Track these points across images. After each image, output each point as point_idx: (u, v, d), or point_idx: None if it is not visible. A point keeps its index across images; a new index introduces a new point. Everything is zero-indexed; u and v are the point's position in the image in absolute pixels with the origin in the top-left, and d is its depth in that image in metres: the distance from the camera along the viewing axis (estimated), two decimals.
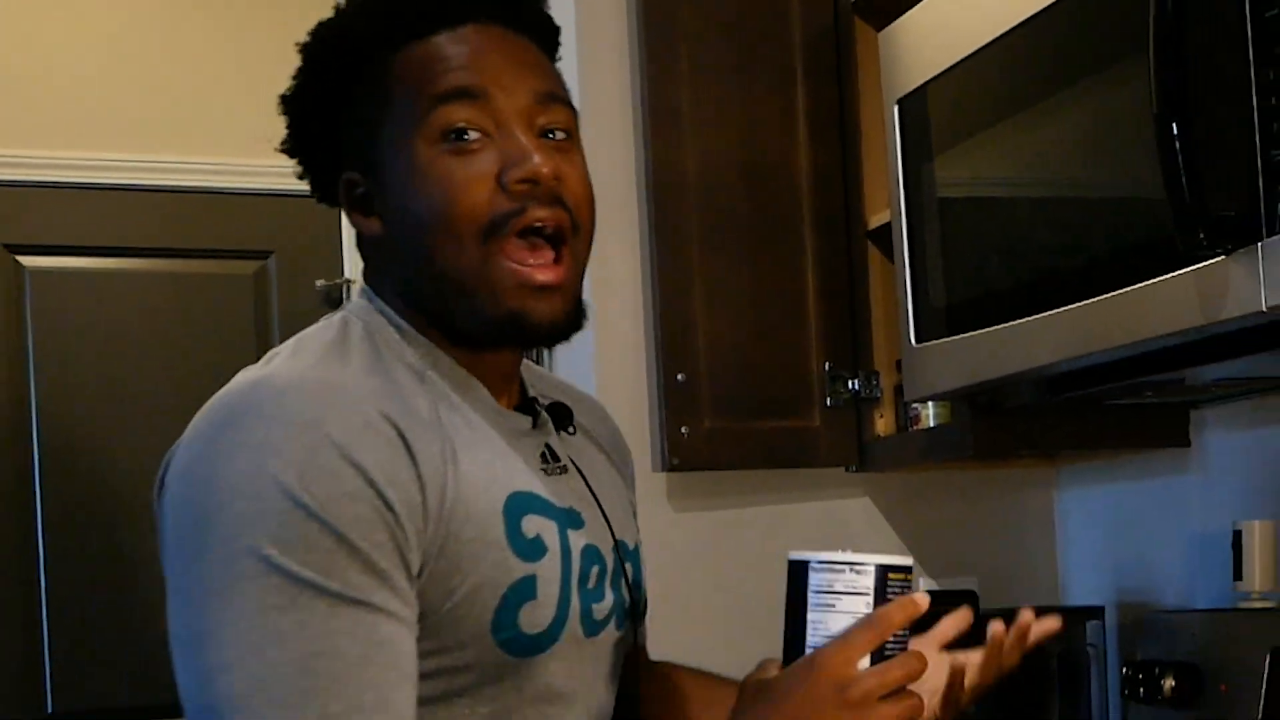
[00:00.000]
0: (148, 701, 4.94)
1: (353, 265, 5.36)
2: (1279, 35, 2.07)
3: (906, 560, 1.90)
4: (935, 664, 2.06)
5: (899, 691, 1.78)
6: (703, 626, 3.57)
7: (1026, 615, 2.17)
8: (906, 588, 1.87)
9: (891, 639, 1.80)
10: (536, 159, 1.80)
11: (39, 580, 4.93)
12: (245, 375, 1.86)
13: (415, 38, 1.85)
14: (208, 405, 1.82)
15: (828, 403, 3.63)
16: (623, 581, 2.11)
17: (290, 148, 2.01)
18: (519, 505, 1.88)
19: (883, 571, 1.84)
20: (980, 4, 2.75)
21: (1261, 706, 2.92)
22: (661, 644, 2.75)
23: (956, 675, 2.18)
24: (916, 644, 1.99)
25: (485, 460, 1.88)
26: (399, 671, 1.70)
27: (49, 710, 4.92)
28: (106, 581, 4.98)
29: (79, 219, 5.03)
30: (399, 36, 1.85)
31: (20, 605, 4.95)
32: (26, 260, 4.98)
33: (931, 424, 3.44)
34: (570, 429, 2.14)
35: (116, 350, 5.03)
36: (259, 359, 4.93)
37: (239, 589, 1.63)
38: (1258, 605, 3.10)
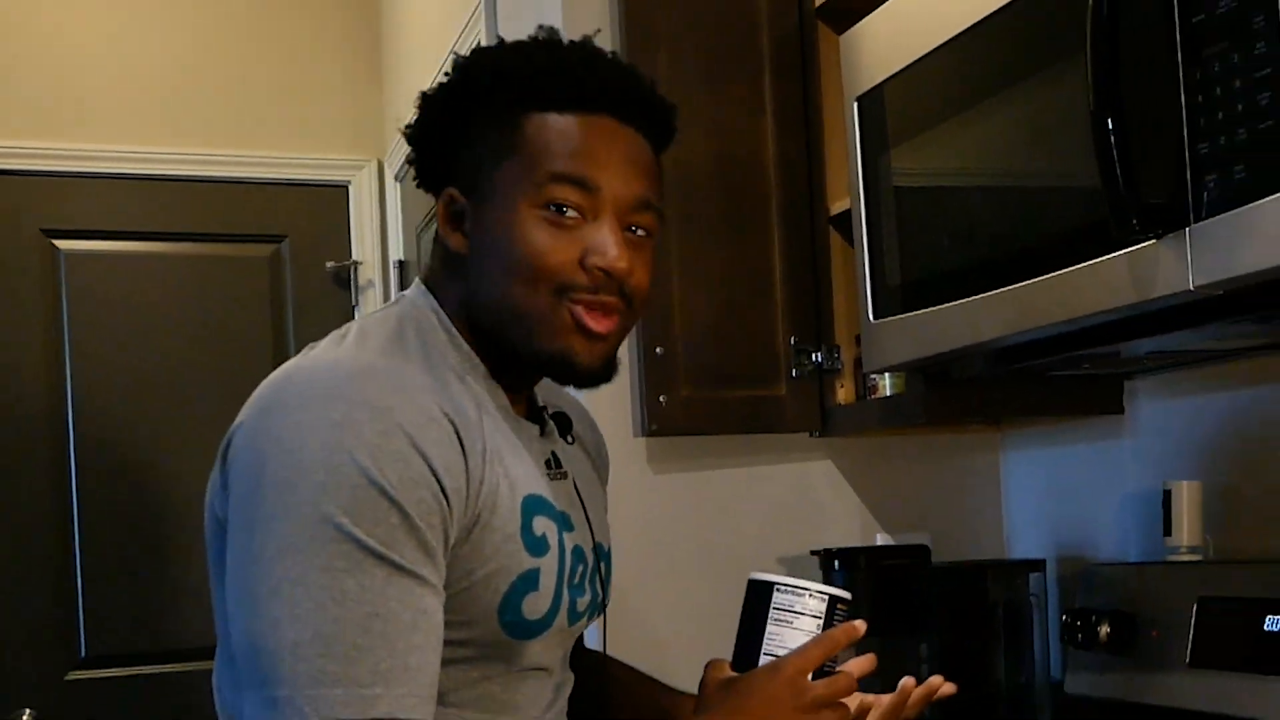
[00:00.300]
0: (170, 646, 4.96)
1: (359, 248, 5.36)
2: (1204, 39, 2.07)
3: (848, 594, 2.08)
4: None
5: (835, 704, 1.95)
6: (678, 576, 3.59)
7: (935, 680, 2.24)
8: (848, 616, 2.05)
9: (829, 661, 1.99)
10: (616, 255, 1.90)
11: (73, 537, 4.93)
12: (321, 356, 1.91)
13: (554, 110, 1.91)
14: (282, 379, 1.87)
15: (793, 374, 3.62)
16: (598, 579, 2.18)
17: (415, 142, 2.07)
18: (532, 506, 1.95)
19: (834, 601, 2.03)
20: (932, 10, 2.74)
21: (1190, 650, 2.91)
22: (643, 591, 2.73)
23: (863, 710, 2.23)
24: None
25: (511, 461, 1.95)
26: (436, 638, 1.77)
27: (82, 655, 4.93)
28: (134, 538, 4.98)
29: (109, 206, 5.03)
30: (540, 103, 1.91)
31: (57, 560, 4.94)
32: (61, 244, 4.99)
33: (888, 393, 3.43)
34: (570, 438, 2.24)
35: (143, 326, 5.04)
36: (274, 334, 4.99)
37: (310, 549, 1.69)
38: (1185, 558, 3.10)
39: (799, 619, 1.99)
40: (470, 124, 1.96)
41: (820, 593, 2.01)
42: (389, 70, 5.57)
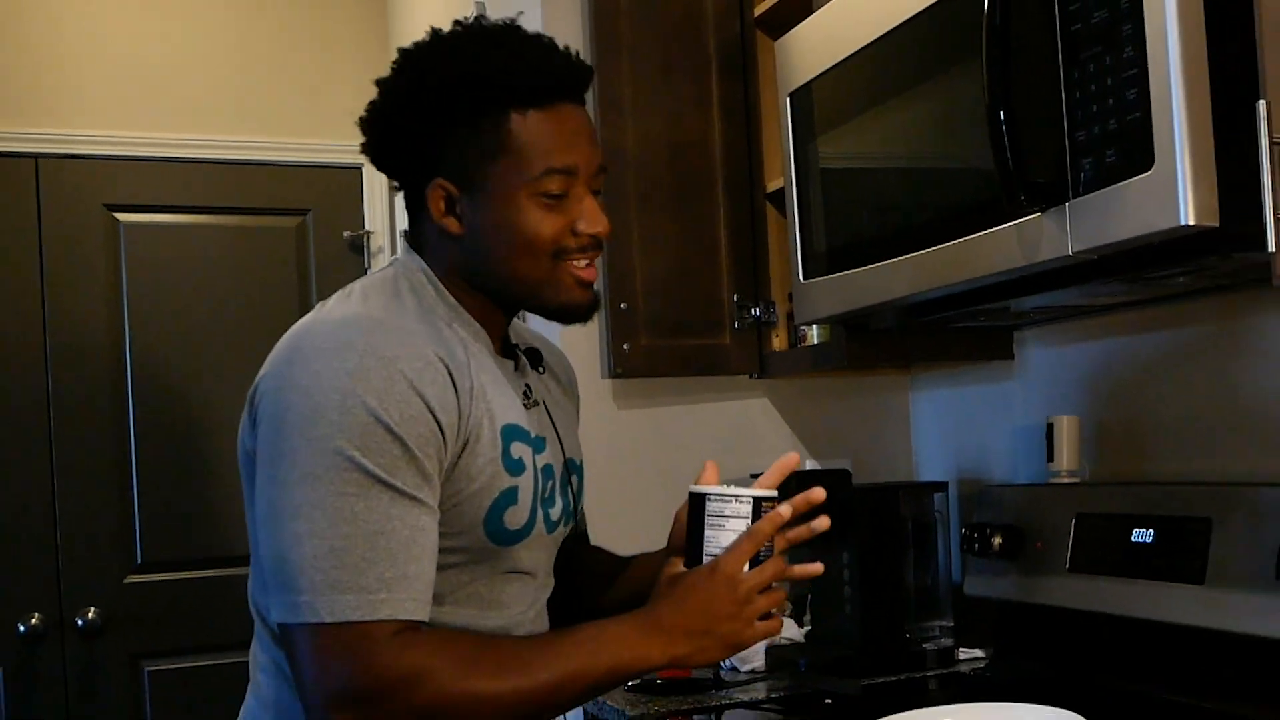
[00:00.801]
0: (215, 553, 4.96)
1: (371, 220, 5.36)
2: (1082, 44, 2.08)
3: (774, 493, 2.10)
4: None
5: (769, 588, 1.97)
6: (640, 496, 3.58)
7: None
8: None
9: (764, 549, 1.99)
10: (600, 223, 1.98)
11: (131, 460, 4.94)
12: (333, 312, 1.92)
13: (534, 107, 1.91)
14: (302, 333, 1.89)
15: (735, 325, 3.64)
16: (569, 490, 2.20)
17: (381, 132, 2.08)
18: (510, 433, 1.98)
19: (758, 501, 2.04)
20: (854, 19, 2.73)
21: (1069, 558, 2.93)
22: (610, 509, 2.74)
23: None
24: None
25: (493, 395, 1.97)
26: (431, 551, 1.80)
27: (138, 561, 4.92)
28: (183, 460, 4.99)
29: (161, 185, 5.02)
30: (519, 102, 1.91)
31: (117, 480, 4.94)
32: (121, 216, 4.97)
33: (815, 342, 3.44)
34: (540, 369, 2.24)
35: (189, 284, 5.03)
36: (299, 292, 4.97)
37: (326, 477, 1.73)
38: (1065, 481, 3.11)
39: (730, 521, 2.01)
40: (451, 123, 1.94)
41: (745, 496, 2.03)
42: None
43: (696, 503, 2.05)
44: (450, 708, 1.71)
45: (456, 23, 2.02)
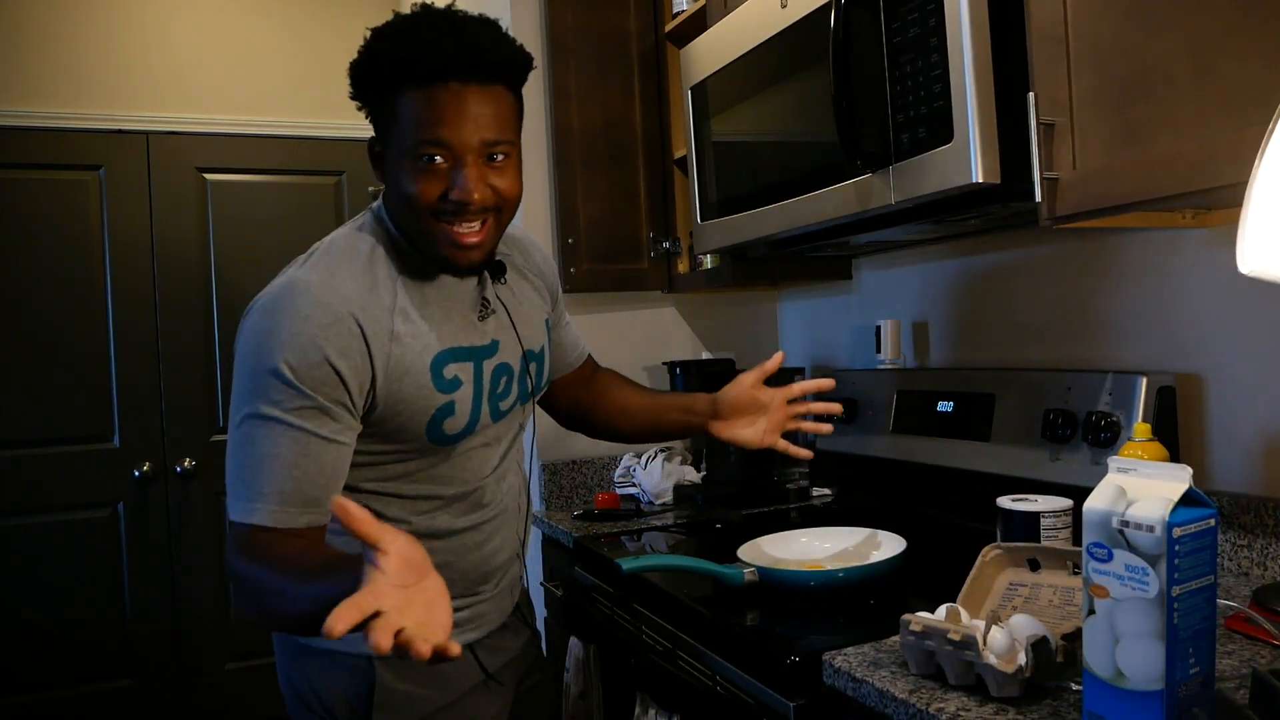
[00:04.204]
0: None
1: None
2: (901, 51, 2.06)
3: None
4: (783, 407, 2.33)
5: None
6: None
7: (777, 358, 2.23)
8: None
9: None
10: (469, 190, 1.73)
11: (215, 349, 4.97)
12: (291, 273, 1.80)
13: (416, 86, 1.70)
14: (271, 288, 1.77)
15: (651, 255, 3.61)
16: (527, 378, 2.06)
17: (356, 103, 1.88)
18: (442, 359, 1.85)
19: None
20: (735, 35, 2.70)
21: (891, 422, 2.93)
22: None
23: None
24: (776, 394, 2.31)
25: (424, 331, 1.84)
26: (322, 470, 1.70)
27: (220, 424, 4.95)
28: None
29: (237, 153, 5.01)
30: (405, 81, 1.71)
31: (204, 363, 4.93)
32: (209, 176, 4.96)
33: (709, 266, 3.41)
34: (503, 279, 2.02)
35: (256, 225, 5.04)
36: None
37: (240, 412, 1.69)
38: (889, 367, 3.11)
39: None
40: (367, 96, 1.79)
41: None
42: None
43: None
44: (251, 601, 1.62)
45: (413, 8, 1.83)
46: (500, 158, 1.78)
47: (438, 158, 1.73)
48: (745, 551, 2.33)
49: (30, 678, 4.66)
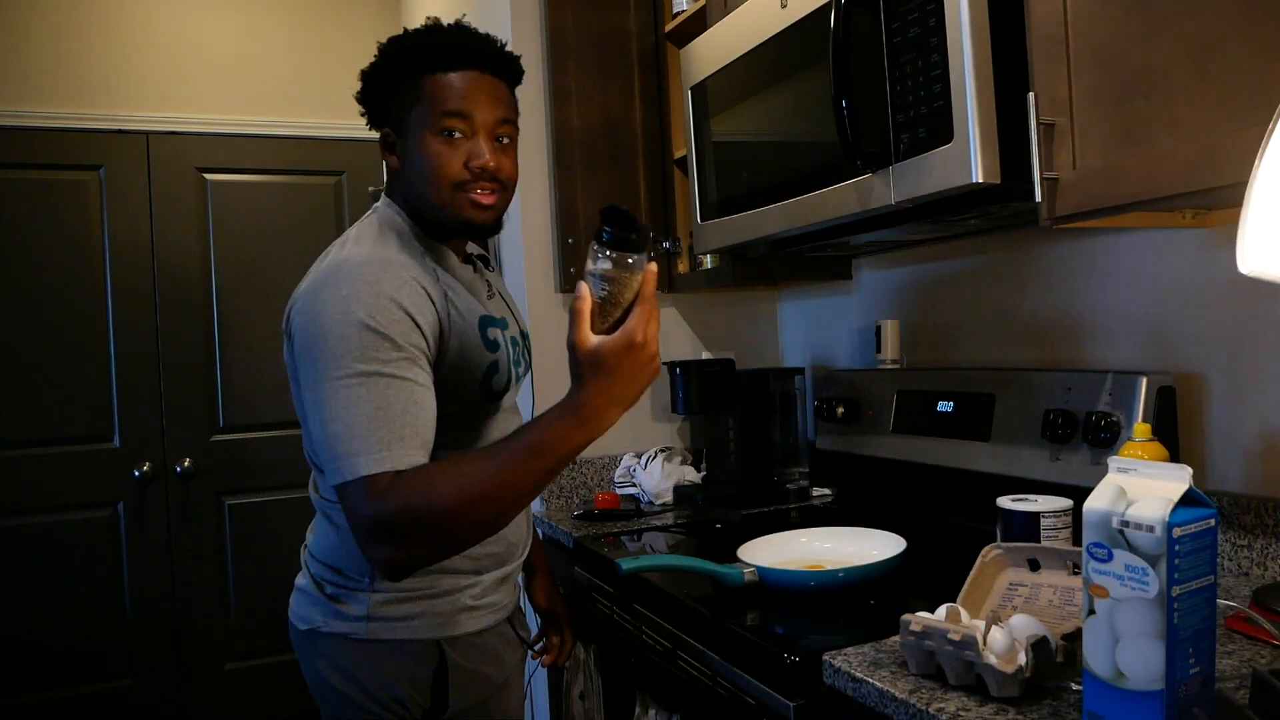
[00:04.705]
0: (279, 419, 4.99)
1: (387, 178, 5.36)
2: (901, 51, 2.05)
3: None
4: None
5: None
6: None
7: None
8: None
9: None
10: (487, 158, 1.93)
11: (215, 348, 4.96)
12: (335, 255, 1.90)
13: (440, 71, 1.93)
14: (316, 272, 1.88)
15: (652, 254, 3.60)
16: (527, 352, 2.25)
17: (363, 99, 2.07)
18: (484, 322, 2.00)
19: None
20: (735, 35, 2.70)
21: (892, 422, 2.93)
22: (561, 381, 2.70)
23: None
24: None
25: (464, 298, 1.98)
26: (427, 416, 1.77)
27: (220, 424, 4.95)
28: (252, 348, 4.99)
29: (237, 152, 5.02)
30: (431, 68, 1.93)
31: (205, 362, 4.93)
32: (209, 175, 4.97)
33: (709, 266, 3.41)
34: (491, 267, 2.28)
35: (256, 224, 5.04)
36: (336, 232, 4.87)
37: (338, 380, 1.72)
38: (889, 367, 3.12)
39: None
40: (393, 85, 1.98)
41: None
42: None
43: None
44: (435, 518, 1.66)
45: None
46: (505, 140, 1.98)
47: (457, 132, 1.92)
48: (745, 551, 2.33)
49: (30, 678, 4.65)
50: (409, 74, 1.94)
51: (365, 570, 1.96)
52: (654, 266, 1.67)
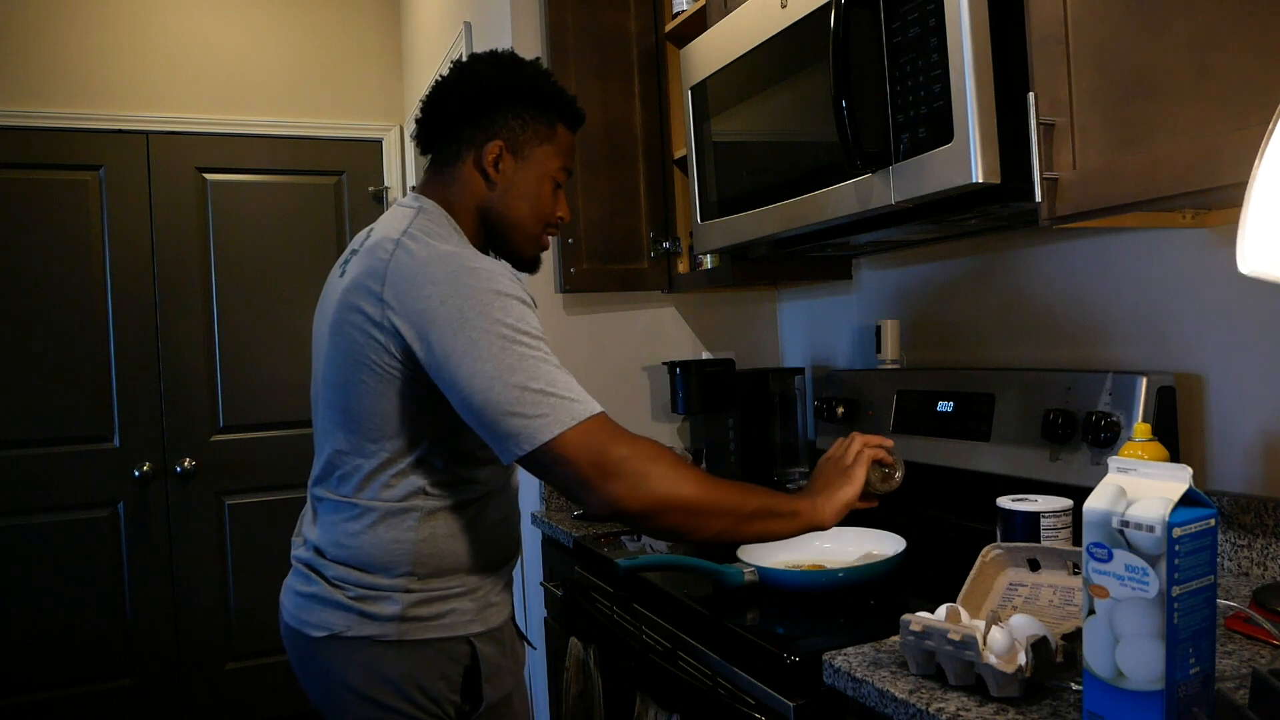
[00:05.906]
0: (275, 419, 4.99)
1: (388, 179, 5.37)
2: (901, 51, 2.05)
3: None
4: None
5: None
6: (582, 377, 3.62)
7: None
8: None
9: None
10: (568, 211, 2.17)
11: (215, 349, 4.97)
12: (440, 249, 1.87)
13: (571, 126, 2.15)
14: (429, 264, 1.84)
15: (651, 254, 3.61)
16: None
17: (472, 101, 2.10)
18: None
19: None
20: (735, 35, 2.70)
21: (892, 422, 2.92)
22: None
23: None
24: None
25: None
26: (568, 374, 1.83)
27: (220, 424, 4.97)
28: (254, 348, 5.01)
29: (237, 152, 5.03)
30: (568, 120, 2.14)
31: (205, 365, 4.93)
32: (208, 175, 4.99)
33: (709, 266, 3.41)
34: None
35: (256, 224, 5.05)
36: (336, 232, 4.90)
37: (493, 343, 1.74)
38: (889, 367, 3.11)
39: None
40: (526, 113, 2.07)
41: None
42: (405, 67, 5.50)
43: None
44: (673, 469, 1.77)
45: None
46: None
47: (561, 185, 2.13)
48: (745, 551, 2.33)
49: (30, 678, 4.65)
50: (549, 113, 2.09)
51: (396, 567, 1.92)
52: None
